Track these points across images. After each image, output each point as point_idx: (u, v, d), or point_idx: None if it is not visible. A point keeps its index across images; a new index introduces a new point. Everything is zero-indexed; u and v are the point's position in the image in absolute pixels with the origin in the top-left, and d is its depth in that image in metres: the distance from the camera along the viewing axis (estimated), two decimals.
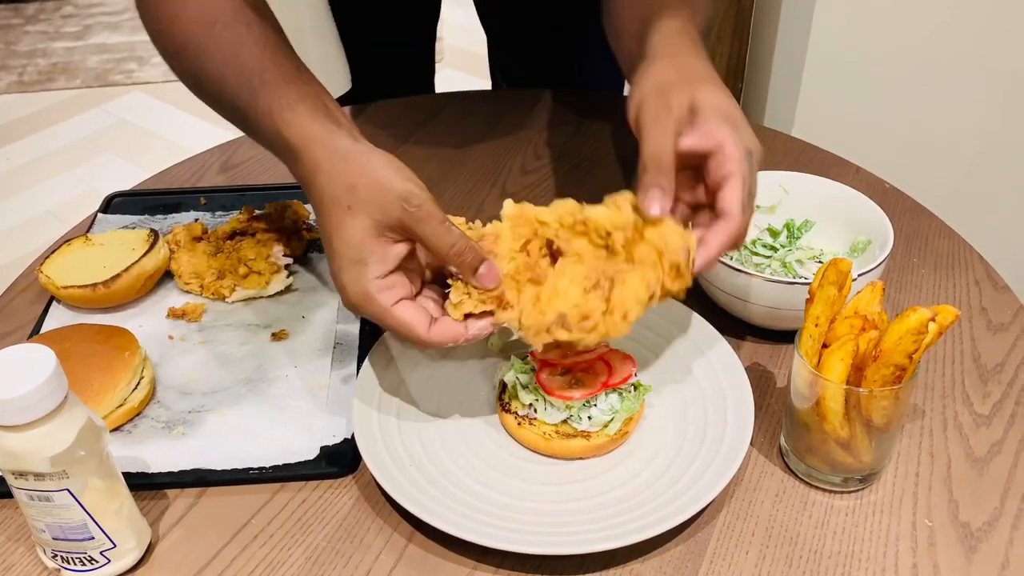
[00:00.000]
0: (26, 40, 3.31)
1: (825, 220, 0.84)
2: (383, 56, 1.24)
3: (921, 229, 0.92)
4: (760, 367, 0.76)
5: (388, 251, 0.61)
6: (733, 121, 0.63)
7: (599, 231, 0.63)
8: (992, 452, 0.68)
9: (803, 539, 0.63)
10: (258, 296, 0.84)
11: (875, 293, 0.63)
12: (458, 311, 0.61)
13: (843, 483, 0.66)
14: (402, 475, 0.65)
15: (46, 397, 0.52)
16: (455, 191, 0.99)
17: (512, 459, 0.68)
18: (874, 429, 0.63)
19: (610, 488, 0.65)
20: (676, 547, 0.62)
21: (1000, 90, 1.27)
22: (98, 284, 0.80)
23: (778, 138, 1.07)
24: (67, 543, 0.59)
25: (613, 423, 0.67)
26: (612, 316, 0.59)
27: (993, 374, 0.75)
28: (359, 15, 1.18)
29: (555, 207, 0.64)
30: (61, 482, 0.55)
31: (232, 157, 1.07)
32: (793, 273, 0.82)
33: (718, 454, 0.66)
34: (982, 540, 0.62)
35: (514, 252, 0.63)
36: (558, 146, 1.07)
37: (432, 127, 1.11)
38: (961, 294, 0.83)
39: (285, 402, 0.73)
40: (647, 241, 0.61)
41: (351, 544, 0.63)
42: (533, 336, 0.60)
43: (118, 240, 0.86)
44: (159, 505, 0.66)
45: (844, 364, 0.60)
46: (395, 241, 0.61)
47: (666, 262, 0.60)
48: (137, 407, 0.72)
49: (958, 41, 1.23)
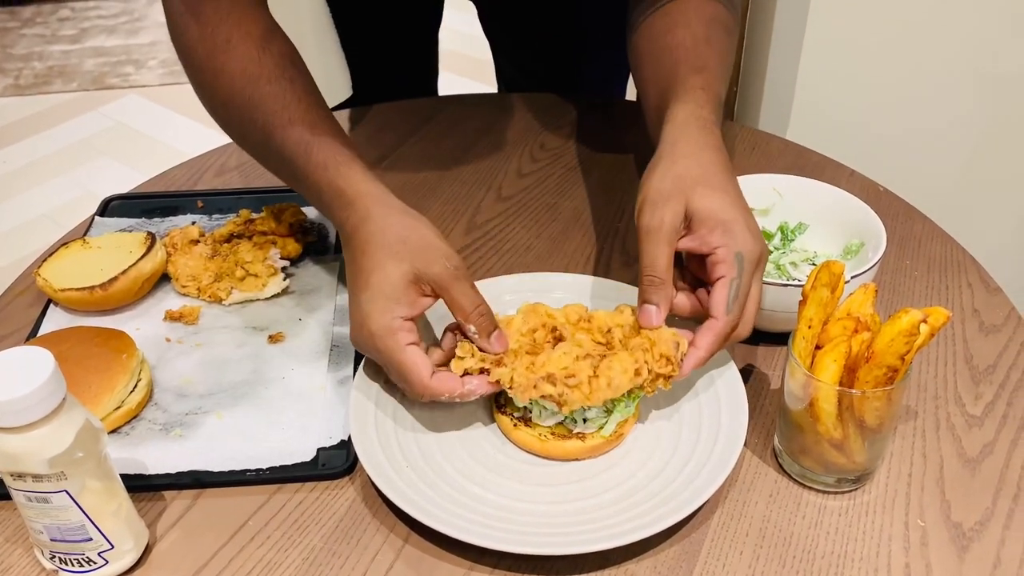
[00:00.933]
0: (22, 43, 3.31)
1: (819, 223, 0.85)
2: (385, 62, 1.24)
3: (914, 232, 0.92)
4: (754, 368, 0.77)
5: (417, 300, 0.67)
6: (726, 225, 0.67)
7: (601, 328, 0.69)
8: (984, 453, 0.69)
9: (796, 539, 0.63)
10: (255, 299, 0.84)
11: (868, 295, 0.64)
12: (459, 366, 0.66)
13: (836, 484, 0.66)
14: (398, 476, 0.65)
15: (45, 399, 0.53)
16: (452, 193, 1.00)
17: (508, 460, 0.68)
18: (867, 430, 0.63)
19: (605, 489, 0.66)
20: (671, 547, 0.63)
21: (993, 94, 1.27)
22: (95, 287, 0.80)
23: (772, 141, 1.08)
24: (65, 544, 0.59)
25: (608, 424, 0.68)
26: (597, 380, 0.65)
27: (985, 375, 0.76)
28: (361, 22, 1.18)
29: (565, 308, 0.71)
30: (59, 483, 0.55)
31: (229, 160, 1.07)
32: (787, 275, 0.82)
33: (712, 455, 0.66)
34: (974, 540, 0.63)
35: (521, 334, 0.69)
36: (554, 149, 1.07)
37: (429, 130, 1.11)
38: (954, 296, 0.84)
39: (282, 404, 0.73)
40: (642, 335, 0.67)
41: (348, 545, 0.63)
42: (521, 392, 0.65)
43: (115, 243, 0.86)
44: (156, 506, 0.66)
45: (837, 365, 0.61)
46: (424, 295, 0.68)
47: (656, 351, 0.66)
48: (135, 409, 0.72)
49: (951, 45, 1.24)
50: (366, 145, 1.08)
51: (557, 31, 1.21)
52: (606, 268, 0.88)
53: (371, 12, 1.18)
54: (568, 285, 0.82)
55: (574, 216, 0.96)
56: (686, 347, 0.67)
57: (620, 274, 0.87)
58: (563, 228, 0.94)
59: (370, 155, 1.06)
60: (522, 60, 1.32)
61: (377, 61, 1.23)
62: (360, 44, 1.18)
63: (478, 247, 0.92)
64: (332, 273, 0.87)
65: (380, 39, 1.21)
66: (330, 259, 0.89)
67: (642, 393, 0.68)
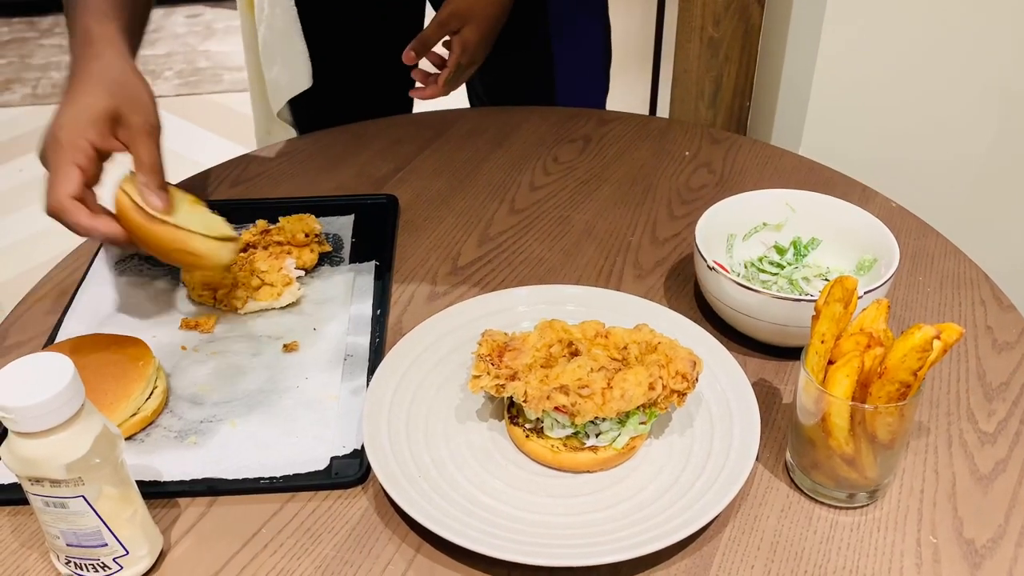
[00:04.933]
0: (40, 53, 3.34)
1: (832, 238, 0.85)
2: (365, 75, 1.25)
3: (927, 248, 0.92)
4: (766, 383, 0.77)
5: (108, 137, 0.76)
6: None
7: (617, 345, 0.70)
8: (997, 470, 0.69)
9: (808, 554, 0.63)
10: (270, 308, 0.85)
11: (880, 311, 0.64)
12: (476, 385, 0.68)
13: (848, 499, 0.66)
14: (411, 486, 0.65)
15: (64, 405, 0.53)
16: (465, 205, 1.01)
17: (520, 471, 0.69)
18: (879, 445, 0.63)
19: (617, 501, 0.66)
20: (681, 561, 0.63)
21: (1008, 111, 1.27)
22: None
23: (785, 156, 1.08)
24: (81, 549, 0.59)
25: (621, 438, 0.68)
26: (611, 391, 0.65)
27: (998, 392, 0.75)
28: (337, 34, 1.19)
29: (582, 324, 0.72)
30: (76, 489, 0.56)
31: (244, 172, 1.08)
32: (799, 290, 0.82)
33: (724, 469, 0.66)
34: (986, 557, 0.63)
35: (537, 348, 0.70)
36: (567, 163, 1.08)
37: (442, 142, 1.12)
38: (967, 313, 0.84)
39: (296, 413, 0.74)
40: (658, 352, 0.68)
41: (360, 554, 0.64)
42: (535, 404, 0.66)
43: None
44: (171, 513, 0.67)
45: (849, 380, 0.61)
46: (116, 138, 0.76)
47: (672, 368, 0.67)
48: (150, 416, 0.72)
49: (965, 62, 1.24)
50: (379, 157, 1.09)
51: (524, 45, 1.23)
52: (618, 281, 0.89)
53: (350, 24, 1.19)
54: (580, 298, 0.82)
55: (586, 229, 0.96)
56: (702, 367, 0.69)
57: (632, 287, 0.87)
58: (575, 241, 0.95)
59: (384, 167, 1.07)
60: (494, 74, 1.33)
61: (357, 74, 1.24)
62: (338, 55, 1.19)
63: (491, 259, 0.92)
64: (346, 283, 0.88)
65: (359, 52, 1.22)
66: (344, 270, 0.90)
67: (656, 413, 0.68)
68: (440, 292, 0.88)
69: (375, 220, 0.97)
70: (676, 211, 0.99)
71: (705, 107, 1.52)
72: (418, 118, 1.18)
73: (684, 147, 1.10)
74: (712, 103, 1.51)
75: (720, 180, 1.04)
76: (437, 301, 0.87)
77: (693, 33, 1.44)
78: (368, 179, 1.06)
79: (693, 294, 0.86)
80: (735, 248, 0.87)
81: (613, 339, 0.71)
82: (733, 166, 1.06)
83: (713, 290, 0.78)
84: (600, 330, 0.72)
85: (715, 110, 1.52)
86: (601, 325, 0.72)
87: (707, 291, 0.80)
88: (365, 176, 1.06)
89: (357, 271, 0.89)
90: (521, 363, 0.69)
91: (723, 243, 0.86)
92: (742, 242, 0.87)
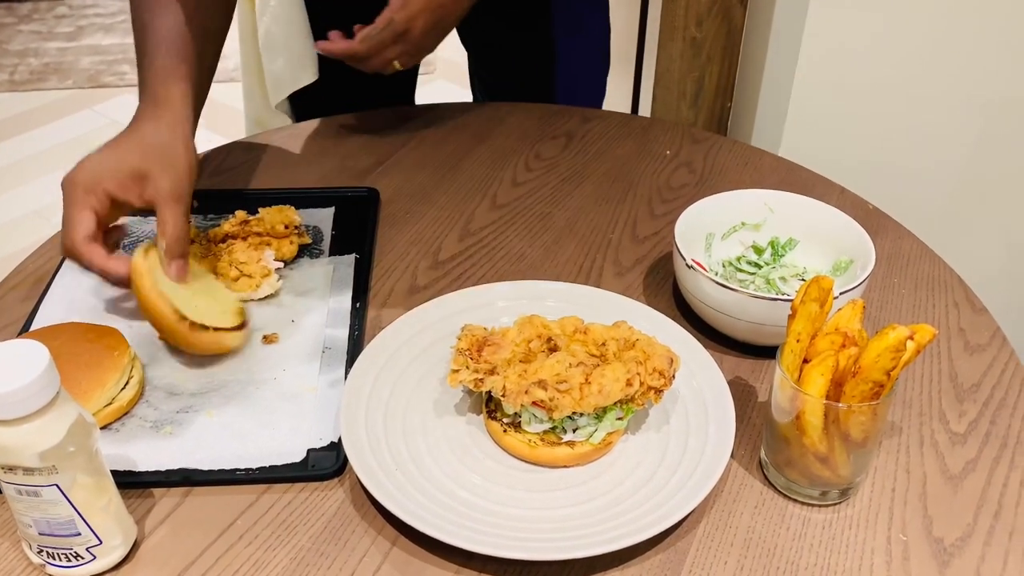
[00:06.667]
0: (19, 39, 3.30)
1: (809, 239, 0.86)
2: None
3: (903, 250, 0.93)
4: (742, 381, 0.78)
5: (128, 190, 0.77)
6: None
7: (596, 341, 0.71)
8: (967, 470, 0.70)
9: (780, 551, 0.64)
10: (248, 299, 0.84)
11: (856, 311, 0.65)
12: (455, 379, 0.68)
13: (821, 496, 0.67)
14: (388, 479, 0.65)
15: (38, 392, 0.53)
16: (446, 200, 1.01)
17: (497, 465, 0.69)
18: (852, 444, 0.64)
19: (593, 496, 0.66)
20: (656, 555, 0.63)
21: (984, 116, 1.29)
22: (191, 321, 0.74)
23: (765, 157, 1.09)
24: (54, 539, 0.59)
25: (597, 433, 0.68)
26: (589, 386, 0.66)
27: (969, 394, 0.77)
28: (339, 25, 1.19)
29: (561, 320, 0.73)
30: (50, 477, 0.55)
31: (224, 161, 1.07)
32: (776, 290, 0.83)
33: (699, 465, 0.67)
34: (955, 555, 0.63)
35: (516, 344, 0.70)
36: (549, 159, 1.08)
37: (425, 136, 1.12)
38: (940, 315, 0.85)
39: (273, 404, 0.73)
40: (636, 348, 0.69)
41: (336, 546, 0.64)
42: (513, 399, 0.66)
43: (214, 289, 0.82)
44: (145, 503, 0.66)
45: (824, 379, 0.62)
46: (136, 195, 0.77)
47: (650, 364, 0.68)
48: (126, 406, 0.72)
49: (944, 67, 1.26)
50: (362, 150, 1.09)
51: (529, 41, 1.23)
52: (598, 278, 0.89)
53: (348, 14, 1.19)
54: (560, 294, 0.83)
55: (567, 226, 0.97)
56: (679, 364, 0.69)
57: (612, 284, 0.88)
58: (556, 237, 0.95)
59: (366, 160, 1.07)
60: (499, 69, 1.33)
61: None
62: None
63: (471, 254, 0.92)
64: (326, 275, 0.87)
65: None
66: (324, 262, 0.90)
67: (633, 409, 0.69)
68: (420, 286, 0.88)
69: (356, 213, 0.97)
70: (656, 209, 1.00)
71: (687, 107, 1.53)
72: (402, 111, 1.17)
73: (665, 146, 1.11)
74: (694, 103, 1.52)
75: (700, 179, 1.05)
76: (417, 295, 0.87)
77: (676, 33, 1.45)
78: (350, 171, 1.05)
79: (672, 292, 0.87)
80: (714, 247, 0.87)
81: (592, 335, 0.71)
82: (713, 166, 1.07)
83: (691, 288, 0.79)
84: (579, 326, 0.72)
85: (696, 110, 1.53)
86: (580, 321, 0.72)
87: (685, 289, 0.81)
88: (347, 168, 1.06)
89: (337, 264, 0.89)
90: (500, 358, 0.69)
91: (702, 242, 0.86)
92: (721, 241, 0.88)
